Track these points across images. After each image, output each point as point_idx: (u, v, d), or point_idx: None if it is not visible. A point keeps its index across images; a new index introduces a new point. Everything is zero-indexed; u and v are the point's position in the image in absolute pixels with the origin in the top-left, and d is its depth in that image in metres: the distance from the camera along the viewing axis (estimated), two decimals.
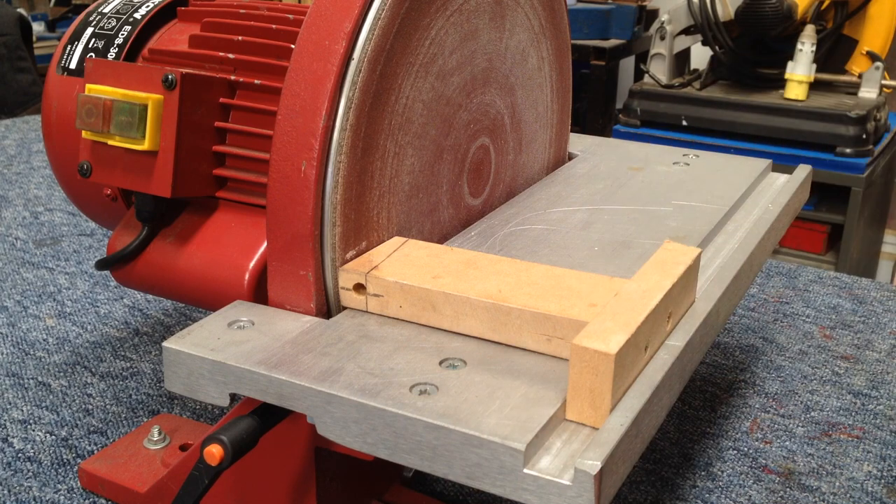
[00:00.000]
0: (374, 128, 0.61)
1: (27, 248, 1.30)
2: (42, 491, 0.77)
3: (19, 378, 0.95)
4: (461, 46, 0.69)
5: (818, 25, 2.11)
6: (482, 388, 0.50)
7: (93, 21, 0.81)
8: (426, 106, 0.66)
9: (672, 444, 0.85)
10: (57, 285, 1.18)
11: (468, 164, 0.74)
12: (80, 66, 0.79)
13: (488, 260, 0.61)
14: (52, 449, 0.83)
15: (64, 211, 1.46)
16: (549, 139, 0.89)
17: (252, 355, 0.53)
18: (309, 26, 0.58)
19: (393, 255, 0.61)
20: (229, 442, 0.51)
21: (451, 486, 0.79)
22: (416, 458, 0.47)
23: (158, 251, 0.71)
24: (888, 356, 1.04)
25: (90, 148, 0.69)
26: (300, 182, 0.57)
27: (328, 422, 0.50)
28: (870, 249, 2.59)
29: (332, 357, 0.53)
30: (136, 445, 0.80)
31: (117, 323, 1.08)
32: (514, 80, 0.79)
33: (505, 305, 0.54)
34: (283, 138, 0.58)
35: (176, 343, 0.55)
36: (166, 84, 0.65)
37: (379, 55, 0.59)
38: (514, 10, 0.77)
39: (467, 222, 0.75)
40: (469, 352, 0.54)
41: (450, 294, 0.56)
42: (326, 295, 0.59)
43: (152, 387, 0.94)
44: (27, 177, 1.64)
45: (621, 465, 0.46)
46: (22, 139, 1.89)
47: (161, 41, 0.79)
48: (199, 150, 0.68)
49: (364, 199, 0.61)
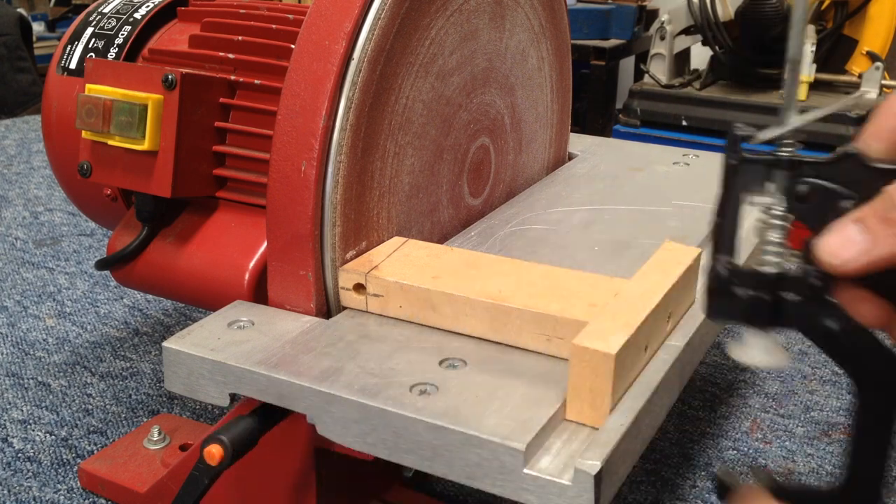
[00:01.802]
0: (374, 128, 0.61)
1: (27, 248, 1.30)
2: (42, 491, 0.77)
3: (19, 378, 0.95)
4: (461, 46, 0.69)
5: (818, 25, 2.11)
6: (482, 388, 0.50)
7: (93, 21, 0.81)
8: (426, 106, 0.66)
9: (672, 444, 0.85)
10: (57, 285, 1.18)
11: (468, 164, 0.74)
12: (80, 66, 0.79)
13: (488, 260, 0.61)
14: (52, 449, 0.83)
15: (64, 211, 1.46)
16: (549, 139, 0.89)
17: (252, 355, 0.53)
18: (309, 26, 0.58)
19: (393, 255, 0.61)
20: (229, 442, 0.51)
21: (451, 486, 0.79)
22: (416, 458, 0.47)
23: (158, 251, 0.71)
24: None
25: (90, 148, 0.68)
26: (300, 182, 0.57)
27: (328, 422, 0.50)
28: None
29: (332, 357, 0.53)
30: (136, 445, 0.80)
31: (117, 323, 1.08)
32: (514, 80, 0.79)
33: (505, 305, 0.54)
34: (283, 138, 0.58)
35: (176, 343, 0.55)
36: (166, 84, 0.65)
37: (379, 55, 0.59)
38: (514, 10, 0.77)
39: (467, 222, 0.75)
40: (469, 352, 0.54)
41: (450, 294, 0.56)
42: (326, 295, 0.59)
43: (152, 387, 0.94)
44: (27, 177, 1.64)
45: (621, 465, 0.46)
46: (22, 139, 1.89)
47: (161, 41, 0.79)
48: (199, 150, 0.68)
49: (364, 199, 0.61)
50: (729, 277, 0.44)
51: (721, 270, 0.44)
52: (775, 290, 0.43)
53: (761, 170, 0.42)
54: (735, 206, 0.44)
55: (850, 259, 0.38)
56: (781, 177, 0.42)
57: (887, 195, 0.38)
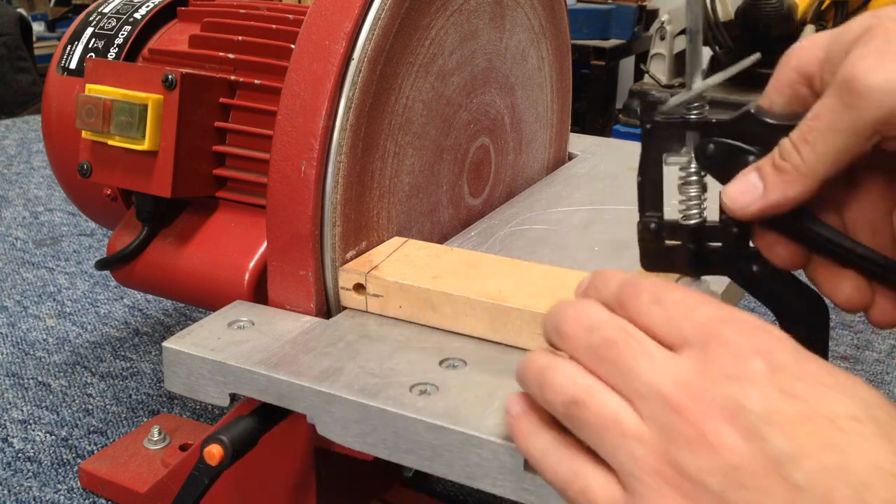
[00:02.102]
0: (374, 128, 0.61)
1: (27, 248, 1.30)
2: (42, 491, 0.77)
3: (19, 378, 0.95)
4: (461, 46, 0.69)
5: (818, 25, 2.11)
6: (482, 388, 0.50)
7: (93, 21, 0.81)
8: (426, 106, 0.66)
9: None
10: (57, 285, 1.18)
11: (468, 164, 0.74)
12: (80, 66, 0.79)
13: (488, 260, 0.61)
14: (52, 449, 0.83)
15: (64, 211, 1.46)
16: (549, 139, 0.89)
17: (252, 355, 0.53)
18: (309, 26, 0.58)
19: (393, 255, 0.61)
20: (229, 442, 0.51)
21: (451, 486, 0.79)
22: (416, 458, 0.47)
23: (158, 251, 0.71)
24: (888, 356, 1.04)
25: (90, 148, 0.68)
26: (300, 182, 0.57)
27: (328, 422, 0.50)
28: None
29: (332, 357, 0.53)
30: (136, 445, 0.80)
31: (117, 323, 1.08)
32: (514, 80, 0.79)
33: (505, 306, 0.54)
34: (283, 138, 0.58)
35: (176, 343, 0.55)
36: (166, 84, 0.64)
37: (379, 55, 0.59)
38: (514, 11, 0.77)
39: (467, 222, 0.75)
40: (469, 352, 0.54)
41: (450, 294, 0.56)
42: (326, 295, 0.59)
43: (152, 387, 0.94)
44: (27, 177, 1.64)
45: None
46: (22, 139, 1.89)
47: (161, 41, 0.79)
48: (199, 150, 0.68)
49: (364, 199, 0.61)
50: (657, 230, 0.48)
51: (650, 224, 0.48)
52: (700, 240, 0.47)
53: (675, 132, 0.46)
54: (656, 166, 0.48)
55: (748, 204, 0.42)
56: (693, 137, 0.46)
57: (781, 146, 0.41)
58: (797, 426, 0.34)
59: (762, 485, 0.33)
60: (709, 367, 0.36)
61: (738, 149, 0.44)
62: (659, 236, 0.48)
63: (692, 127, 0.46)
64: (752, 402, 0.34)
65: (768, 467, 0.33)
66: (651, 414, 0.36)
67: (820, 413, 0.34)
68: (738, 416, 0.34)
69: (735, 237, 0.45)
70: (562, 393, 0.38)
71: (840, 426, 0.34)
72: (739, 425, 0.34)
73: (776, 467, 0.33)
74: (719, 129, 0.45)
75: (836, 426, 0.34)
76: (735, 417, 0.34)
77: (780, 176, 0.41)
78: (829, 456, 0.33)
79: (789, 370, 0.35)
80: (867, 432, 0.33)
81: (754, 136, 0.43)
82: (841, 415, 0.34)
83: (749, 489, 0.33)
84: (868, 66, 0.38)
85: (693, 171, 0.46)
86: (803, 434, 0.33)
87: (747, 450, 0.34)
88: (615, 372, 0.37)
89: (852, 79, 0.38)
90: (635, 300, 0.39)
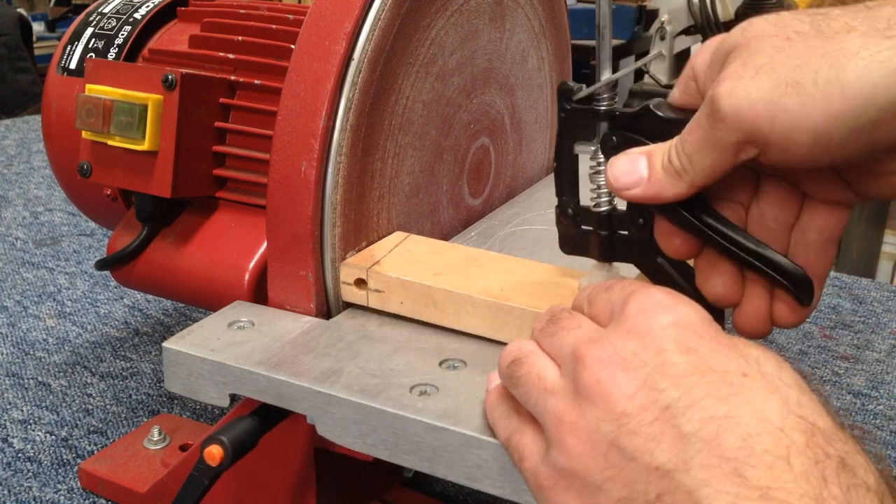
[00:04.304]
0: (374, 128, 0.61)
1: (27, 248, 1.30)
2: (42, 491, 0.77)
3: (19, 378, 0.95)
4: (461, 47, 0.69)
5: None
6: (482, 388, 0.50)
7: (93, 21, 0.81)
8: (426, 106, 0.66)
9: None
10: (57, 285, 1.18)
11: (468, 165, 0.74)
12: (80, 66, 0.79)
13: (490, 257, 0.61)
14: (52, 449, 0.83)
15: (64, 211, 1.46)
16: (549, 139, 0.89)
17: (252, 356, 0.53)
18: (309, 26, 0.58)
19: (395, 251, 0.61)
20: (229, 442, 0.51)
21: (451, 486, 0.79)
22: (416, 458, 0.47)
23: (158, 251, 0.71)
24: (888, 356, 1.04)
25: (90, 148, 0.68)
26: (300, 182, 0.57)
27: (328, 422, 0.50)
28: (869, 249, 2.58)
29: (332, 357, 0.53)
30: (136, 445, 0.80)
31: (117, 323, 1.08)
32: (514, 80, 0.79)
33: (506, 304, 0.54)
34: (283, 138, 0.58)
35: (176, 343, 0.55)
36: (166, 84, 0.64)
37: (379, 56, 0.59)
38: (514, 11, 0.77)
39: (467, 222, 0.75)
40: (469, 352, 0.54)
41: (451, 292, 0.56)
42: (326, 295, 0.59)
43: (152, 387, 0.94)
44: (27, 177, 1.64)
45: None
46: (22, 139, 1.89)
47: (161, 41, 0.79)
48: (199, 150, 0.68)
49: (364, 199, 0.61)
50: (573, 216, 0.50)
51: (566, 209, 0.50)
52: (611, 227, 0.49)
53: (587, 121, 0.48)
54: (570, 153, 0.50)
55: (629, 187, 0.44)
56: (601, 128, 0.47)
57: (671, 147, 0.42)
58: (689, 378, 0.35)
59: (651, 432, 0.35)
60: (619, 324, 0.39)
61: (638, 142, 0.45)
62: (575, 221, 0.50)
63: (601, 117, 0.47)
64: (648, 355, 0.37)
65: (658, 415, 0.35)
66: (566, 370, 0.39)
67: (713, 368, 0.36)
68: (635, 366, 0.36)
69: (639, 227, 0.47)
70: (508, 356, 0.43)
71: (730, 380, 0.35)
72: (634, 375, 0.36)
73: (666, 416, 0.35)
74: (622, 122, 0.46)
75: (726, 380, 0.35)
76: (631, 368, 0.37)
77: (664, 174, 0.42)
78: (718, 405, 0.34)
79: (693, 328, 0.37)
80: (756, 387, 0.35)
81: (652, 130, 0.45)
82: (732, 370, 0.36)
83: (639, 435, 0.35)
84: (724, 90, 0.39)
85: (602, 160, 0.48)
86: (694, 385, 0.35)
87: (639, 398, 0.36)
88: (553, 342, 0.41)
89: (715, 100, 0.39)
90: (597, 296, 0.43)
